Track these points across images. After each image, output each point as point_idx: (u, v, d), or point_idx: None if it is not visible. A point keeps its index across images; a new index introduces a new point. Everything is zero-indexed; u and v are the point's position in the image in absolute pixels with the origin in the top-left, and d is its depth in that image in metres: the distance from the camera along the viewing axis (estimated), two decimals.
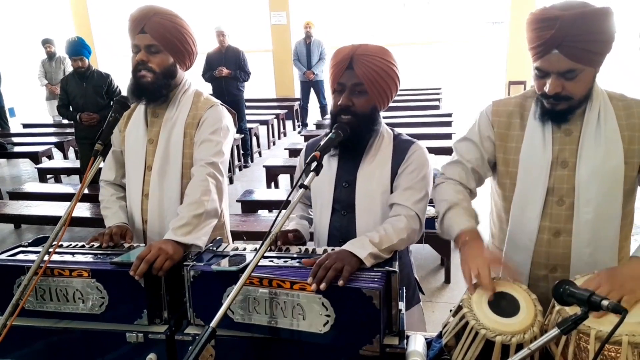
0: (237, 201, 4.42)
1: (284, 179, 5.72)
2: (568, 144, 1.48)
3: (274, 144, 8.72)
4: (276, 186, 5.53)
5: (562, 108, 1.42)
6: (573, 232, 1.49)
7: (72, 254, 1.59)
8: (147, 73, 1.76)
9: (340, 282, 1.25)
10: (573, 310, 1.16)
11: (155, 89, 1.79)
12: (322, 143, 1.46)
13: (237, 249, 1.57)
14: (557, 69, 1.36)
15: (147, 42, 1.75)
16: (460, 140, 1.67)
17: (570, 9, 1.32)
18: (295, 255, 1.50)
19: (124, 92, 1.84)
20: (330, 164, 1.68)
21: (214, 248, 1.57)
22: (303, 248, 1.58)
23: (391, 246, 1.46)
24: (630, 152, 1.44)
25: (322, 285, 1.24)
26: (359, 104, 1.57)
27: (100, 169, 1.74)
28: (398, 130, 1.75)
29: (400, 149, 1.66)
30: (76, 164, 5.85)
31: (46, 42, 8.24)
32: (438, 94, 9.82)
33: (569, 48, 1.33)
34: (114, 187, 1.97)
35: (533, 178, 1.51)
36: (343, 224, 1.68)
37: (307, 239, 1.78)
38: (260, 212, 4.39)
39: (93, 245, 1.69)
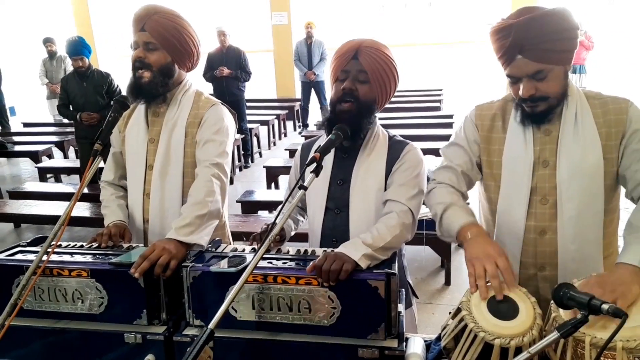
0: (237, 202, 4.41)
1: (284, 180, 5.71)
2: (548, 144, 1.50)
3: (274, 144, 8.72)
4: (276, 187, 5.52)
5: (541, 109, 1.46)
6: (558, 229, 1.50)
7: (71, 254, 1.59)
8: (145, 72, 1.77)
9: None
10: (568, 317, 1.17)
11: (152, 87, 1.80)
12: (322, 144, 1.46)
13: (236, 249, 1.57)
14: (526, 73, 1.41)
15: (145, 39, 1.77)
16: (448, 146, 1.69)
17: (522, 15, 1.39)
18: (294, 257, 1.50)
19: (124, 92, 1.84)
20: (326, 163, 1.69)
21: (213, 249, 1.57)
22: (302, 249, 1.58)
23: (386, 245, 1.46)
24: (608, 148, 1.46)
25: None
26: (362, 91, 1.61)
27: (100, 168, 1.74)
28: (395, 132, 1.78)
29: (395, 148, 1.68)
30: (76, 163, 5.85)
31: (47, 41, 8.25)
32: (439, 95, 9.84)
33: (530, 51, 1.38)
34: (114, 187, 1.98)
35: (516, 179, 1.53)
36: (336, 223, 1.69)
37: (288, 236, 1.82)
38: (260, 212, 4.39)
39: (92, 245, 1.68)
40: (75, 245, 1.68)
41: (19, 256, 1.58)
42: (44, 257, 1.36)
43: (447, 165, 1.65)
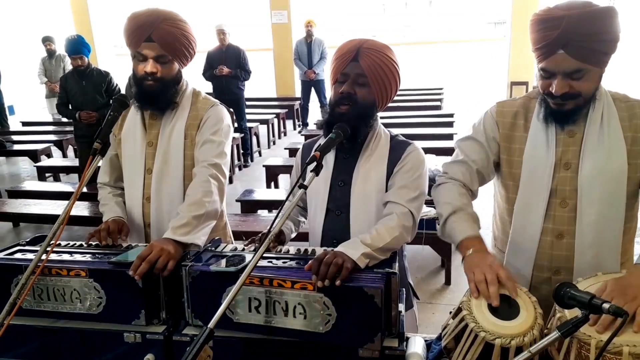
0: (237, 201, 4.40)
1: (284, 179, 5.71)
2: (571, 146, 1.47)
3: (274, 143, 8.71)
4: (276, 186, 5.51)
5: (569, 108, 1.41)
6: (576, 234, 1.47)
7: (70, 253, 1.58)
8: (155, 84, 1.74)
9: (337, 282, 1.25)
10: (572, 315, 1.16)
11: (167, 99, 1.79)
12: (322, 143, 1.45)
13: (235, 249, 1.57)
14: (564, 70, 1.35)
15: (156, 52, 1.71)
16: (465, 139, 1.64)
17: (575, 8, 1.32)
18: (294, 256, 1.50)
19: (123, 91, 1.82)
20: (327, 163, 1.68)
21: (213, 248, 1.56)
22: (302, 248, 1.57)
23: (385, 245, 1.45)
24: (633, 153, 1.43)
25: (326, 282, 1.25)
26: (360, 94, 1.58)
27: (99, 167, 1.73)
28: (395, 131, 1.76)
29: (397, 149, 1.66)
30: (75, 162, 5.84)
31: (46, 40, 8.23)
32: (440, 94, 9.81)
33: (575, 48, 1.32)
34: (111, 187, 1.96)
35: (536, 180, 1.49)
36: (337, 224, 1.67)
37: (288, 239, 1.80)
38: (259, 212, 4.38)
39: (91, 244, 1.67)
40: (75, 244, 1.67)
41: (18, 255, 1.57)
42: (43, 257, 1.35)
43: (463, 160, 1.60)
